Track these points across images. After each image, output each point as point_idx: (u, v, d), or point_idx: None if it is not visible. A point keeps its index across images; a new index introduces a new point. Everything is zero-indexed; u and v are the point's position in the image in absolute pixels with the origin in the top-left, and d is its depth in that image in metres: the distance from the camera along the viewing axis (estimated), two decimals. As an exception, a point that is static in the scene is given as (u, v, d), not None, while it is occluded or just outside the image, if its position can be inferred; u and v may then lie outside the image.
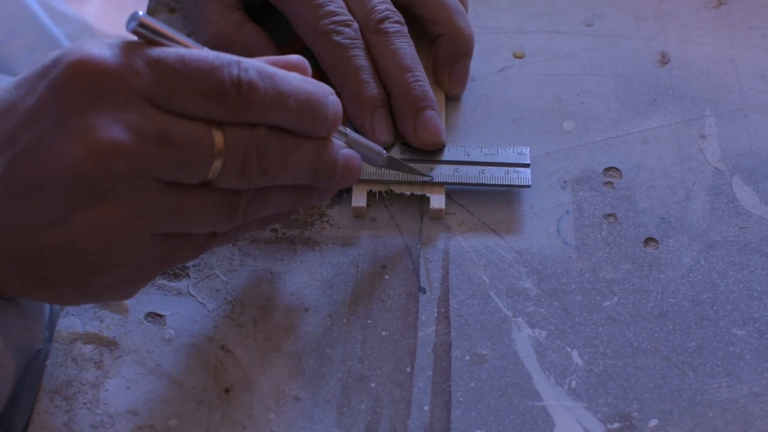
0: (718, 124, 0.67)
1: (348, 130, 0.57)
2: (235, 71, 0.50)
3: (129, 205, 0.48)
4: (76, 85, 0.47)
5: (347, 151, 0.56)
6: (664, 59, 0.71)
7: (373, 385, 0.56)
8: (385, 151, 0.60)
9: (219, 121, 0.50)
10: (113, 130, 0.47)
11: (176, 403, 0.56)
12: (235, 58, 0.51)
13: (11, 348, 0.55)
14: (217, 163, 0.50)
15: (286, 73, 0.52)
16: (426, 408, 0.56)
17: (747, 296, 0.60)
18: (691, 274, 0.61)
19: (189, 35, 0.71)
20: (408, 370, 0.57)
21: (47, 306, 0.61)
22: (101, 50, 0.48)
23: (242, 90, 0.50)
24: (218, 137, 0.50)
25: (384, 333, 0.58)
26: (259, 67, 0.51)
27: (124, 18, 0.52)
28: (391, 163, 0.61)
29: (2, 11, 0.86)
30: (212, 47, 0.66)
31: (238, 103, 0.50)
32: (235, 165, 0.51)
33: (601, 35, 0.72)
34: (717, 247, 0.62)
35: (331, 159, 0.55)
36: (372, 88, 0.63)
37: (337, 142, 0.56)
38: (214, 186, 0.51)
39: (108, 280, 0.51)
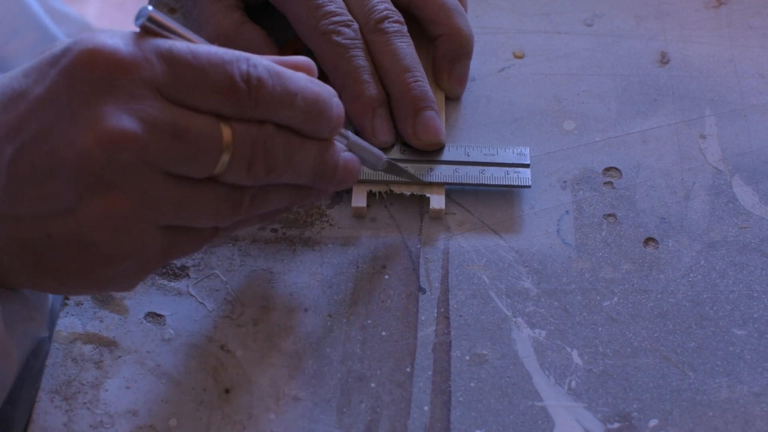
0: (718, 124, 0.67)
1: (349, 133, 0.57)
2: (244, 66, 0.50)
3: (136, 196, 0.49)
4: (87, 74, 0.47)
5: (347, 154, 0.56)
6: (664, 59, 0.71)
7: (373, 385, 0.56)
8: (384, 156, 0.60)
9: (227, 116, 0.51)
10: (124, 120, 0.47)
11: (176, 403, 0.56)
12: (244, 54, 0.51)
13: (14, 337, 0.55)
14: (225, 158, 0.50)
15: (294, 73, 0.53)
16: (426, 408, 0.56)
17: (747, 296, 0.60)
18: (691, 274, 0.61)
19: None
20: (408, 370, 0.57)
21: (50, 296, 0.62)
22: (113, 40, 0.48)
23: (252, 85, 0.50)
24: (226, 132, 0.50)
25: (384, 333, 0.58)
26: (267, 64, 0.52)
27: (124, 18, 0.52)
28: (390, 168, 0.61)
29: (3, 12, 0.86)
30: (212, 46, 0.67)
31: (248, 99, 0.50)
32: (243, 160, 0.51)
33: (601, 35, 0.72)
34: (717, 247, 0.62)
35: (333, 161, 0.55)
36: (372, 89, 0.63)
37: (339, 144, 0.56)
38: (220, 181, 0.51)
39: (113, 271, 0.51)
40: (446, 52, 0.67)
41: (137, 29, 0.50)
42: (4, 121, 0.48)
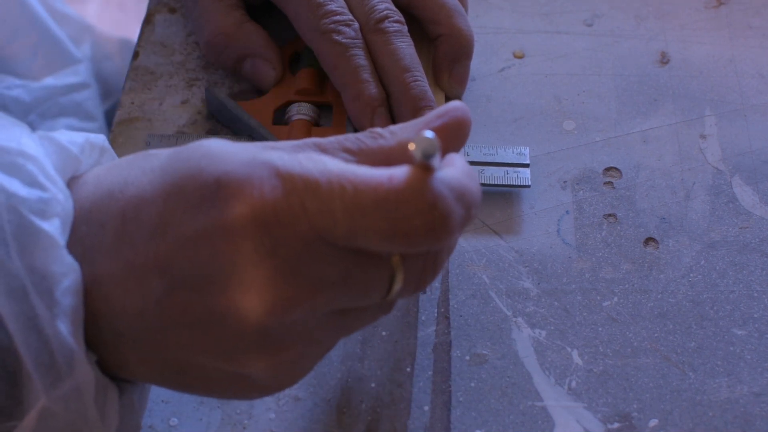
0: (718, 124, 0.67)
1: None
2: (453, 208, 0.43)
3: (303, 341, 0.45)
4: (251, 234, 0.42)
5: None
6: (664, 59, 0.71)
7: (373, 385, 0.56)
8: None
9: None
10: (292, 284, 0.43)
11: (176, 403, 0.56)
12: (449, 188, 0.44)
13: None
14: (397, 285, 0.45)
15: (473, 184, 0.46)
16: (426, 408, 0.56)
17: (747, 296, 0.60)
18: (691, 274, 0.61)
19: (189, 34, 0.71)
20: (408, 370, 0.57)
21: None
22: (272, 186, 0.42)
23: (442, 232, 0.43)
24: (396, 261, 0.45)
25: (384, 333, 0.58)
26: (459, 190, 0.44)
27: (125, 18, 0.50)
28: None
29: (4, 12, 0.86)
30: (213, 46, 0.67)
31: (439, 243, 0.44)
32: (413, 285, 0.46)
33: (601, 35, 0.72)
34: (717, 247, 0.62)
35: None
36: (372, 88, 0.63)
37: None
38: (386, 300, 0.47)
39: (275, 391, 0.48)
40: (446, 52, 0.67)
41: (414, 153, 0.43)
42: (151, 250, 0.44)
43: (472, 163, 0.63)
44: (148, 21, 0.72)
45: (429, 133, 0.43)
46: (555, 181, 0.65)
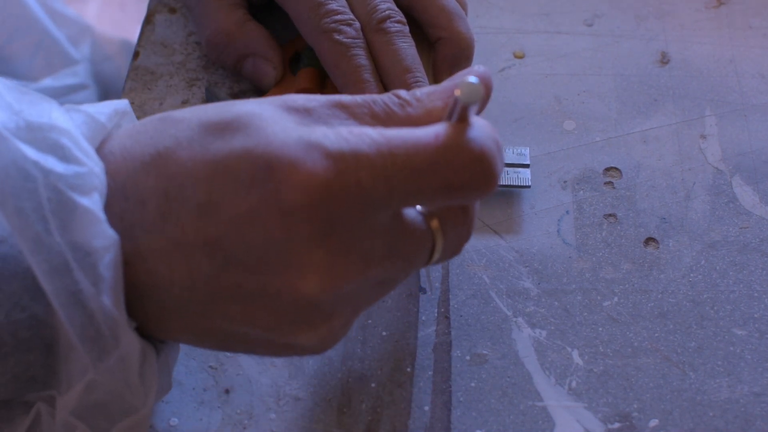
0: (718, 124, 0.67)
1: None
2: (495, 159, 0.45)
3: (351, 311, 0.46)
4: (308, 217, 0.43)
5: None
6: (664, 59, 0.71)
7: (373, 385, 0.56)
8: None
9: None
10: (346, 261, 0.44)
11: (176, 403, 0.56)
12: (491, 137, 0.46)
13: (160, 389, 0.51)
14: (438, 251, 0.48)
15: (495, 131, 0.47)
16: (426, 408, 0.56)
17: (747, 296, 0.60)
18: (692, 274, 0.61)
19: (189, 34, 0.71)
20: (408, 370, 0.57)
21: None
22: (325, 167, 0.43)
23: (491, 180, 0.45)
24: (435, 226, 0.47)
25: (384, 333, 0.58)
26: (493, 139, 0.46)
27: (125, 18, 0.49)
28: None
29: (4, 13, 0.86)
30: (214, 45, 0.67)
31: (487, 193, 0.46)
32: (450, 251, 0.48)
33: (601, 35, 0.72)
34: (717, 247, 0.62)
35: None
36: (372, 88, 0.63)
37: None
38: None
39: (316, 352, 0.49)
40: (447, 55, 0.67)
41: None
42: (200, 228, 0.44)
43: (472, 163, 0.63)
44: (148, 21, 0.72)
45: (473, 79, 0.44)
46: (555, 181, 0.65)
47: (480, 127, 0.46)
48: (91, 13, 1.68)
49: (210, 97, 0.66)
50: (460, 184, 0.44)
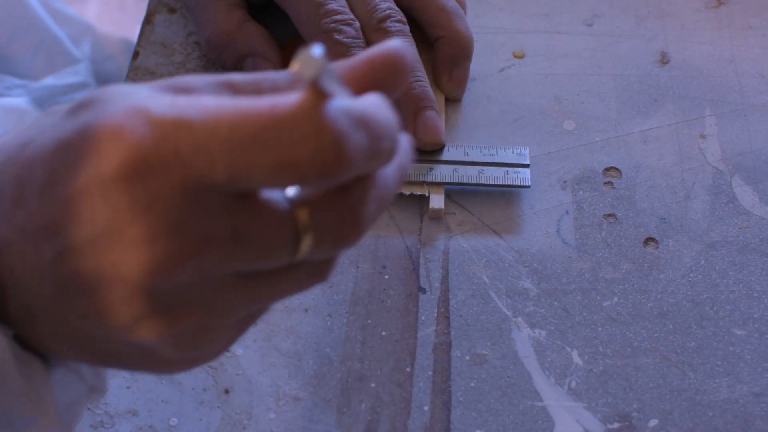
0: (718, 124, 0.67)
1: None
2: (331, 136, 0.39)
3: (201, 308, 0.41)
4: (123, 188, 0.39)
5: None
6: (664, 59, 0.71)
7: (373, 385, 0.56)
8: None
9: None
10: (174, 241, 0.39)
11: (176, 403, 0.56)
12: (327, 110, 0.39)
13: (77, 417, 0.47)
14: (306, 243, 0.41)
15: (376, 108, 0.41)
16: (426, 408, 0.56)
17: (747, 296, 0.60)
18: (691, 274, 0.61)
19: (189, 34, 0.71)
20: (408, 370, 0.57)
21: None
22: (141, 134, 0.39)
23: (336, 160, 0.39)
24: (303, 214, 0.40)
25: (384, 333, 0.58)
26: (353, 111, 0.40)
27: (125, 18, 0.48)
28: None
29: (5, 13, 0.86)
30: (214, 45, 0.67)
31: (334, 174, 0.39)
32: (329, 241, 0.41)
33: (601, 35, 0.72)
34: (717, 247, 0.62)
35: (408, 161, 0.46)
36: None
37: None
38: (305, 261, 0.42)
39: (188, 366, 0.45)
40: (446, 54, 0.67)
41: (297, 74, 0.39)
42: (41, 212, 0.41)
43: (472, 163, 0.63)
44: (148, 21, 0.72)
45: (316, 50, 0.38)
46: (555, 181, 0.65)
47: (348, 102, 0.40)
48: (91, 13, 1.68)
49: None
50: (297, 161, 0.38)
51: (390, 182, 0.43)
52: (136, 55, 0.70)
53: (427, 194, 0.63)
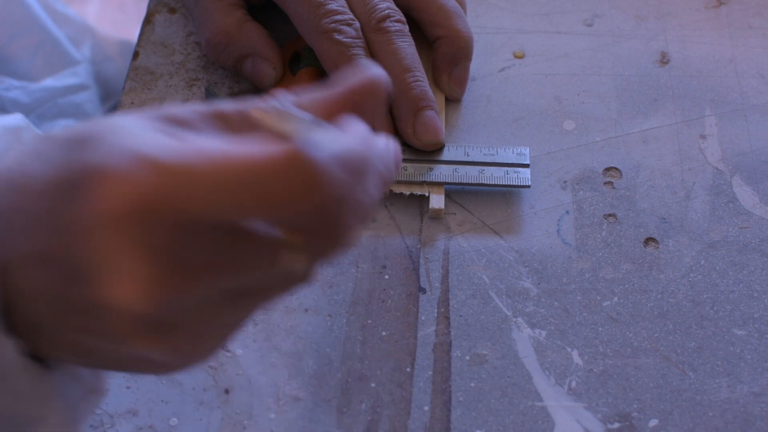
0: (718, 124, 0.67)
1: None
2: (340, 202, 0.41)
3: (196, 325, 0.44)
4: (122, 227, 0.41)
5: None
6: (664, 59, 0.71)
7: (373, 385, 0.56)
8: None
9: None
10: (173, 272, 0.42)
11: (176, 403, 0.56)
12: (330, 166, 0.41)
13: (79, 420, 0.49)
14: (299, 264, 0.43)
15: (362, 147, 0.43)
16: (426, 408, 0.56)
17: (747, 296, 0.60)
18: (691, 274, 0.61)
19: (189, 34, 0.71)
20: (408, 370, 0.57)
21: None
22: (143, 178, 0.41)
23: (322, 196, 0.41)
24: (296, 238, 0.43)
25: (384, 333, 0.58)
26: (345, 160, 0.42)
27: (124, 18, 0.49)
28: None
29: (4, 13, 0.86)
30: (213, 45, 0.67)
31: (312, 211, 0.42)
32: (319, 256, 0.44)
33: (601, 35, 0.72)
34: (717, 247, 0.62)
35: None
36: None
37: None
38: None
39: (186, 366, 0.47)
40: (446, 54, 0.67)
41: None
42: (32, 239, 0.43)
43: (472, 163, 0.63)
44: (148, 21, 0.72)
45: (285, 100, 0.41)
46: (555, 181, 0.65)
47: (328, 139, 0.42)
48: (91, 13, 1.68)
49: (210, 97, 0.66)
50: (273, 201, 0.41)
51: (374, 196, 0.44)
52: (136, 55, 0.70)
53: (427, 194, 0.63)
